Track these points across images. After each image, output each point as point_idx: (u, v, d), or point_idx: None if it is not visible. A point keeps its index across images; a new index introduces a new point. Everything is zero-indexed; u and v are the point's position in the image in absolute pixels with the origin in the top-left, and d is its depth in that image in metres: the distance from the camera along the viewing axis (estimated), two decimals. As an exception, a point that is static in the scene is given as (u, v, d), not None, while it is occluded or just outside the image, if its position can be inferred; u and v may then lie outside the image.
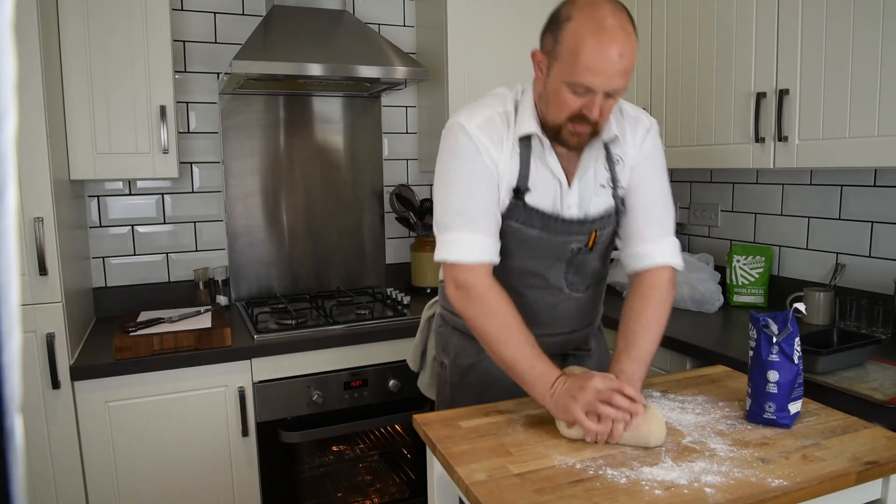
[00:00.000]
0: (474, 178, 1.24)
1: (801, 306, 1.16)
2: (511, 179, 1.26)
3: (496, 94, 1.32)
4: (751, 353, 1.17)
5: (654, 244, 1.33)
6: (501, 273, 1.32)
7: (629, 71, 1.14)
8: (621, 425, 1.06)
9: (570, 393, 1.10)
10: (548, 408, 1.15)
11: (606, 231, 1.34)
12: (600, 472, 0.99)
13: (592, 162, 1.30)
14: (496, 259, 1.26)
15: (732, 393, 1.30)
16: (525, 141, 1.27)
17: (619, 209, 1.34)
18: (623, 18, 1.13)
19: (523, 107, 1.27)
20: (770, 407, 1.13)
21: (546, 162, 1.27)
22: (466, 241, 1.23)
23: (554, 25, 1.17)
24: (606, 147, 1.32)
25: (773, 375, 1.12)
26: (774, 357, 1.13)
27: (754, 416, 1.15)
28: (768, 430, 1.13)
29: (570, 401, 1.09)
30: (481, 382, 1.42)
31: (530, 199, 1.27)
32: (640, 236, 1.34)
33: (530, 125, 1.25)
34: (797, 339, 1.14)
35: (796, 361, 1.13)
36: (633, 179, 1.35)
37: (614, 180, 1.33)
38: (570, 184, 1.29)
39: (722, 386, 1.35)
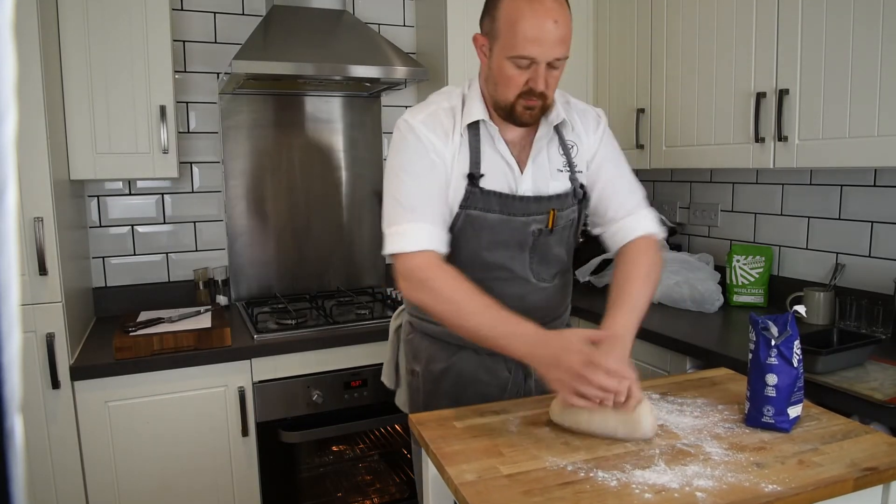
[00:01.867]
0: (418, 171, 1.26)
1: (801, 308, 1.14)
2: (463, 168, 1.28)
3: (442, 92, 1.36)
4: (750, 355, 1.15)
5: (631, 217, 1.38)
6: (466, 268, 1.32)
7: (567, 38, 1.20)
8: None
9: (559, 374, 1.06)
10: (526, 361, 1.16)
11: (565, 213, 1.35)
12: (591, 475, 0.98)
13: (545, 146, 1.34)
14: (442, 248, 1.26)
15: (733, 396, 1.28)
16: (474, 129, 1.29)
17: (576, 192, 1.36)
18: None
19: (471, 97, 1.31)
20: (768, 411, 1.11)
21: (497, 149, 1.30)
22: (410, 230, 1.23)
23: (490, 7, 1.22)
24: (559, 133, 1.36)
25: (771, 379, 1.11)
26: (773, 360, 1.11)
27: (753, 419, 1.14)
28: (766, 434, 1.11)
29: (550, 369, 1.08)
30: (456, 386, 1.41)
31: (485, 183, 1.29)
32: (615, 213, 1.38)
33: (478, 112, 1.28)
34: (797, 342, 1.12)
35: (795, 365, 1.11)
36: (594, 166, 1.40)
37: (570, 165, 1.36)
38: (522, 170, 1.32)
39: (723, 389, 1.33)
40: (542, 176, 1.33)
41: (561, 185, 1.35)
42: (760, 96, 1.82)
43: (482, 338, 1.17)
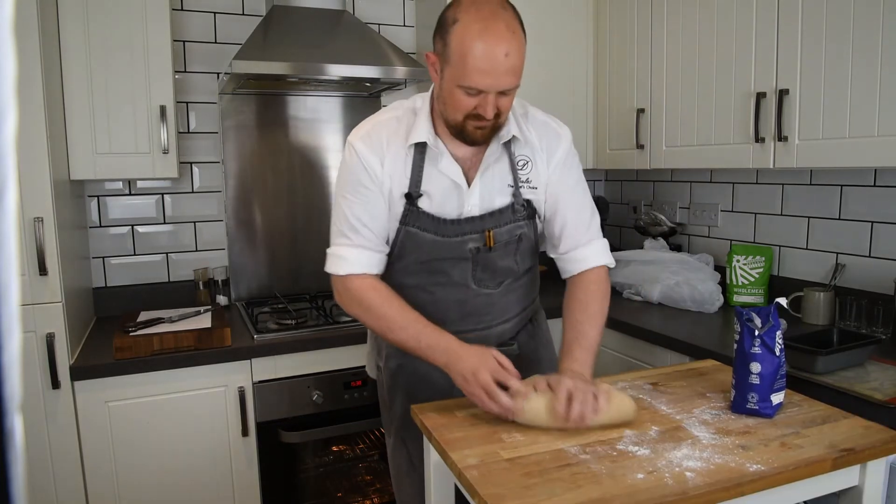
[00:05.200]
0: (355, 194, 1.31)
1: (782, 301, 1.21)
2: (402, 186, 1.30)
3: (391, 106, 1.37)
4: (735, 345, 1.22)
5: (586, 248, 1.39)
6: (408, 273, 1.37)
7: (518, 69, 1.17)
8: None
9: (469, 381, 1.18)
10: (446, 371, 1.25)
11: (504, 230, 1.34)
12: (587, 457, 1.04)
13: (493, 162, 1.32)
14: (373, 270, 1.34)
15: (719, 385, 1.36)
16: (420, 147, 1.30)
17: (515, 208, 1.34)
18: (508, 17, 1.15)
19: (420, 114, 1.30)
20: (753, 397, 1.18)
21: (440, 168, 1.30)
22: (343, 255, 1.32)
23: (442, 29, 1.19)
24: (509, 149, 1.34)
25: (755, 367, 1.18)
26: (757, 349, 1.18)
27: (738, 406, 1.20)
28: (751, 419, 1.18)
29: (467, 383, 1.19)
30: (410, 382, 1.45)
31: (423, 203, 1.31)
32: (571, 243, 1.38)
33: (423, 134, 1.28)
34: (779, 333, 1.19)
35: (777, 354, 1.18)
36: (554, 189, 1.37)
37: (516, 181, 1.34)
38: (469, 184, 1.31)
39: (710, 378, 1.41)
40: (489, 192, 1.32)
41: (505, 200, 1.34)
42: (760, 96, 1.82)
43: (408, 349, 1.29)
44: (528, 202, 1.36)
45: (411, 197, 1.30)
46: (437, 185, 1.31)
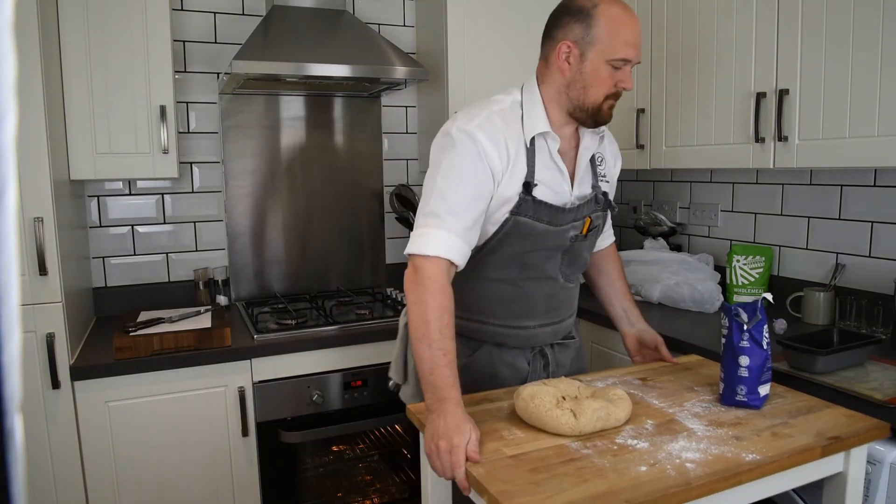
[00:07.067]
0: (460, 178, 1.27)
1: (768, 295, 1.28)
2: (519, 175, 1.33)
3: (490, 99, 1.38)
4: (723, 340, 1.26)
5: (606, 231, 1.65)
6: (498, 267, 1.39)
7: None
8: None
9: (434, 435, 1.11)
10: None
11: (594, 217, 1.45)
12: (589, 452, 1.06)
13: (586, 159, 1.42)
14: (457, 259, 1.26)
15: (705, 379, 1.42)
16: (531, 139, 1.34)
17: (598, 198, 1.46)
18: None
19: (531, 106, 1.35)
20: (741, 390, 1.23)
21: (553, 159, 1.36)
22: (431, 235, 1.25)
23: (581, 15, 1.29)
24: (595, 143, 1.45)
25: (744, 360, 1.22)
26: (745, 343, 1.22)
27: (727, 398, 1.25)
28: (740, 411, 1.23)
29: (431, 437, 1.11)
30: (476, 382, 1.43)
31: (538, 193, 1.34)
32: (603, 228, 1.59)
33: (542, 124, 1.33)
34: (766, 327, 1.23)
35: (765, 347, 1.22)
36: (611, 188, 1.54)
37: (596, 174, 1.47)
38: (571, 175, 1.40)
39: (696, 373, 1.46)
40: (584, 185, 1.43)
41: (590, 190, 1.45)
42: (760, 96, 1.82)
43: (418, 366, 1.21)
44: (605, 194, 1.48)
45: (529, 186, 1.33)
46: (549, 176, 1.36)
